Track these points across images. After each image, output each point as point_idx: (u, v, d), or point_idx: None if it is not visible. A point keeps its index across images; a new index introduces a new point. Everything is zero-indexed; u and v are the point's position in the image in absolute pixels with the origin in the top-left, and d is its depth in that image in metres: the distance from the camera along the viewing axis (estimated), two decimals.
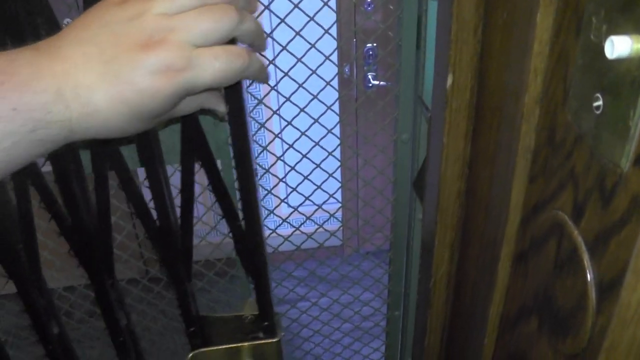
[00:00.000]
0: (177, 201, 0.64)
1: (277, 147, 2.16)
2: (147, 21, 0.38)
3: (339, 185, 0.85)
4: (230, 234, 0.65)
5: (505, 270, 0.45)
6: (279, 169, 2.15)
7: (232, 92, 0.52)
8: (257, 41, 0.44)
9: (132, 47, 0.37)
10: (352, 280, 0.99)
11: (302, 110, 0.74)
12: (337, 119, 0.79)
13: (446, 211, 0.56)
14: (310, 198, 0.82)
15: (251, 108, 0.72)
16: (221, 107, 0.51)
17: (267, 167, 0.86)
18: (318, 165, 0.79)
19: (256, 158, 0.65)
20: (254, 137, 0.63)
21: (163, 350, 1.22)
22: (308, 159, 0.78)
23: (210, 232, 0.85)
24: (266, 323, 0.68)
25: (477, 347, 0.52)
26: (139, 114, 0.39)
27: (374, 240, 0.94)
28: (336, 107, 0.78)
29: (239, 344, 0.69)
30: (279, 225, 0.90)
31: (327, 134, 0.78)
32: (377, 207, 0.89)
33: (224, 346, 0.69)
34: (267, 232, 0.80)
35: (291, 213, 0.88)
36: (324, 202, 0.84)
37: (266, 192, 0.86)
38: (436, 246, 0.59)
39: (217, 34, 0.39)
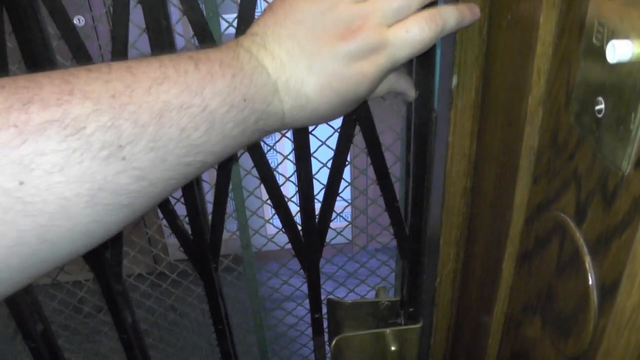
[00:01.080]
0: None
1: (285, 146, 2.17)
2: (340, 12, 0.39)
3: (346, 183, 0.85)
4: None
5: (510, 269, 0.45)
6: (289, 168, 2.16)
7: (424, 77, 0.52)
8: None
9: (332, 39, 0.39)
10: (359, 279, 0.99)
11: None
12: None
13: (451, 209, 0.56)
14: (316, 197, 0.82)
15: None
16: (411, 91, 0.52)
17: (274, 166, 0.86)
18: (324, 165, 0.80)
19: None
20: None
21: (171, 345, 1.23)
22: (315, 158, 0.78)
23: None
24: (412, 309, 0.68)
25: (482, 346, 0.52)
26: (345, 100, 0.42)
27: (381, 238, 0.94)
28: None
29: (382, 330, 0.69)
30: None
31: (333, 133, 0.78)
32: (385, 206, 0.89)
33: (367, 331, 0.70)
34: (274, 230, 0.80)
35: (297, 212, 0.88)
36: None
37: None
38: (442, 245, 0.59)
39: (409, 9, 0.40)
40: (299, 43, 0.39)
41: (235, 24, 0.56)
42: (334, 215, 0.86)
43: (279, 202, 0.66)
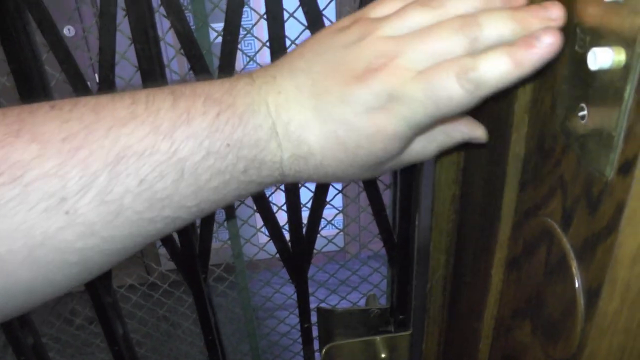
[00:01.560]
0: None
1: None
2: (366, 46, 0.32)
3: (336, 192, 0.86)
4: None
5: (499, 275, 0.46)
6: None
7: None
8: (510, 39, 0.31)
9: (347, 78, 0.32)
10: (351, 286, 0.99)
11: None
12: None
13: (441, 216, 0.57)
14: (307, 205, 0.83)
15: None
16: (478, 132, 0.41)
17: None
18: None
19: None
20: None
21: (164, 356, 1.23)
22: None
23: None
24: (402, 316, 0.68)
25: (473, 352, 0.52)
26: (357, 158, 0.33)
27: (372, 245, 0.94)
28: None
29: (373, 337, 0.69)
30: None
31: None
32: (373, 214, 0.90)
33: (357, 339, 0.70)
34: (265, 239, 0.80)
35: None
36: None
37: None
38: (432, 251, 0.59)
39: (448, 53, 0.31)
40: (311, 78, 0.33)
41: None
42: (325, 223, 0.86)
43: (266, 213, 0.66)
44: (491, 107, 0.44)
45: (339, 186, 0.86)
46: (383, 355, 0.68)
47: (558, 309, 0.35)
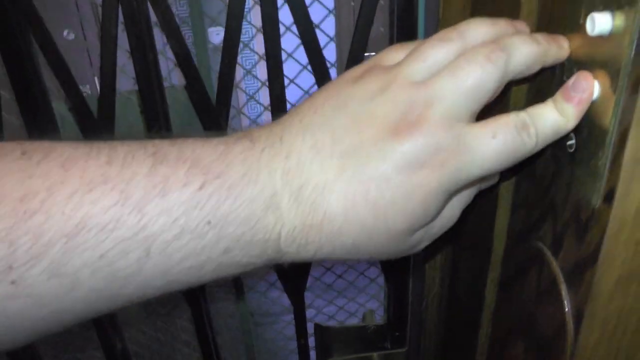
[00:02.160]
0: None
1: None
2: (394, 94, 0.28)
3: None
4: None
5: (492, 295, 0.46)
6: None
7: None
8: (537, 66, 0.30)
9: (380, 132, 0.28)
10: (348, 297, 1.00)
11: None
12: None
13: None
14: None
15: (250, 121, 0.72)
16: (495, 178, 0.37)
17: None
18: None
19: None
20: None
21: None
22: None
23: None
24: (397, 333, 0.69)
25: None
26: (386, 220, 0.29)
27: None
28: None
29: (369, 354, 0.70)
30: None
31: None
32: None
33: (354, 355, 0.70)
34: None
35: None
36: None
37: None
38: (427, 269, 0.59)
39: (482, 92, 0.28)
40: (333, 134, 0.29)
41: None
42: None
43: None
44: None
45: None
46: None
47: (549, 330, 0.35)
